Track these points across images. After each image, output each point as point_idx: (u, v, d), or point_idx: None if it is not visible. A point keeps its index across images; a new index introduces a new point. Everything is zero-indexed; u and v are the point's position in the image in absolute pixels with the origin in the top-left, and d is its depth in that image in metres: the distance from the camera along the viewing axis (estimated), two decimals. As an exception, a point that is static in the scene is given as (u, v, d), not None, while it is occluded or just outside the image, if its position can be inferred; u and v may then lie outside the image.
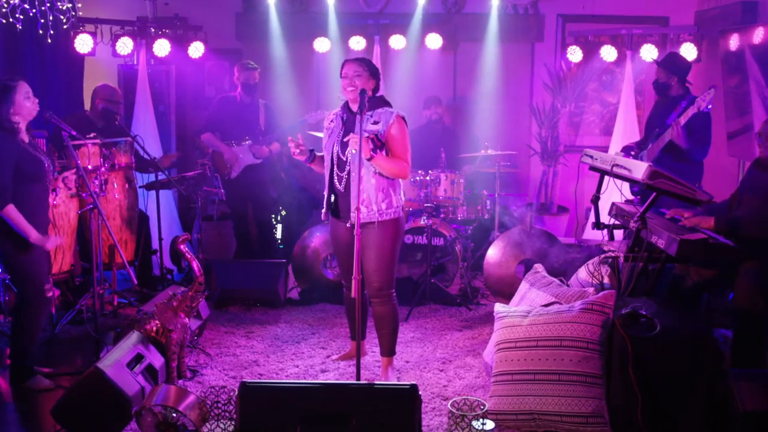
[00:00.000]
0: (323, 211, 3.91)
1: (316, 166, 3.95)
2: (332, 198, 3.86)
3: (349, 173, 3.73)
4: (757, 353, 3.49)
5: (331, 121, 3.90)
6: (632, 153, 4.93)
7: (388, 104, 3.82)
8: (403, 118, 3.77)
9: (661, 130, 4.83)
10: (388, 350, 3.91)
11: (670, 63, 5.00)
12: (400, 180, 3.83)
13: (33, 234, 3.66)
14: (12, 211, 3.61)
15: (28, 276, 3.77)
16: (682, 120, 4.56)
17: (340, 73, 3.76)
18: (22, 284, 3.82)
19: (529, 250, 5.33)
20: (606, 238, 4.34)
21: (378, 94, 3.81)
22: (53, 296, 4.01)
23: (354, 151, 3.61)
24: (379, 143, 3.66)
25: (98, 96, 5.44)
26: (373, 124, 3.71)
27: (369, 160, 3.60)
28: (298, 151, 3.80)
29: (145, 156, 5.16)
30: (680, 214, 3.84)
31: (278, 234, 6.43)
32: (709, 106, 4.43)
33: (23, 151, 3.68)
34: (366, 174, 3.69)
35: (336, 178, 3.80)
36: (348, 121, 3.79)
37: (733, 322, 3.66)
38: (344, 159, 3.75)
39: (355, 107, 3.69)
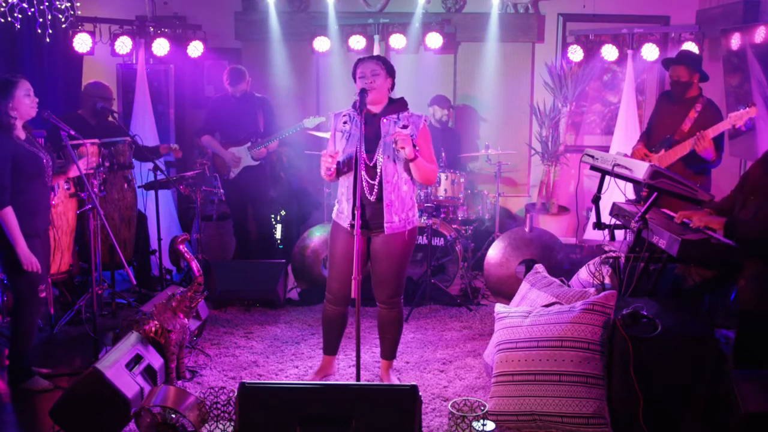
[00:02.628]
0: (349, 223, 3.57)
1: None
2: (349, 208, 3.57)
3: (381, 182, 3.51)
4: (760, 354, 3.47)
5: (345, 122, 3.62)
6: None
7: (407, 106, 3.66)
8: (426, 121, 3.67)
9: (673, 136, 4.65)
10: (392, 354, 3.88)
11: (694, 60, 4.74)
12: None
13: (21, 245, 3.63)
14: (9, 215, 3.59)
15: (24, 277, 3.75)
16: (711, 133, 4.34)
17: (354, 74, 3.58)
18: (18, 285, 3.81)
19: (530, 250, 5.31)
20: (607, 238, 4.32)
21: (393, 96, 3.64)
22: (47, 296, 3.99)
23: (391, 153, 3.45)
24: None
25: (90, 94, 5.41)
26: (402, 128, 3.52)
27: (412, 161, 3.44)
28: (330, 167, 3.48)
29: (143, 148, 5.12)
30: (687, 217, 3.79)
31: (278, 234, 6.41)
32: (747, 125, 4.23)
33: (19, 147, 3.66)
34: (399, 180, 3.55)
35: (366, 186, 3.53)
36: (371, 123, 3.57)
37: (736, 323, 3.64)
38: (372, 165, 3.52)
39: (375, 108, 3.55)
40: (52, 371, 4.01)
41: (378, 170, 3.53)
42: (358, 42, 6.54)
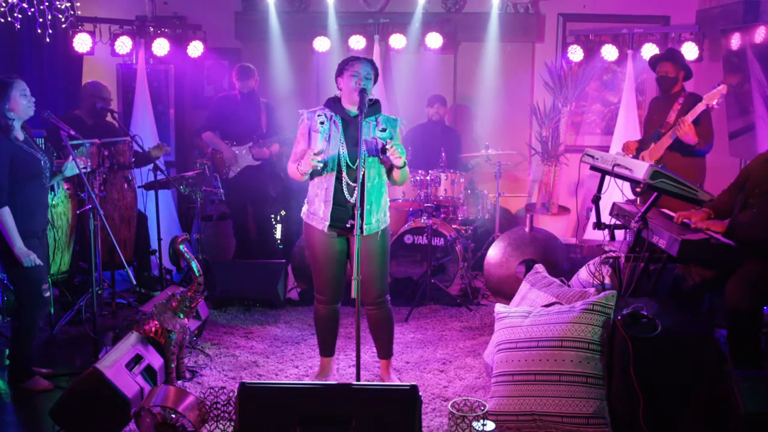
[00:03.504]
0: (326, 224, 3.57)
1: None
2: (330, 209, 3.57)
3: (363, 183, 3.48)
4: (753, 351, 3.47)
5: (322, 123, 3.60)
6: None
7: (381, 109, 3.69)
8: None
9: (661, 129, 4.80)
10: (388, 352, 3.88)
11: (679, 58, 4.98)
12: None
13: (18, 244, 3.64)
14: (6, 215, 3.59)
15: (25, 276, 3.75)
16: (690, 117, 4.56)
17: (345, 70, 3.57)
18: (20, 285, 3.81)
19: (530, 250, 5.31)
20: (607, 238, 4.32)
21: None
22: (51, 296, 4.00)
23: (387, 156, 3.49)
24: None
25: (88, 94, 5.41)
26: (381, 131, 3.57)
27: (402, 167, 3.51)
28: (318, 167, 3.49)
29: (139, 149, 5.13)
30: (687, 217, 3.79)
31: (278, 234, 6.41)
32: (719, 103, 4.45)
33: (17, 148, 3.67)
34: (379, 183, 3.60)
35: (346, 188, 3.55)
36: (350, 123, 3.59)
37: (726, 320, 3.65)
38: (354, 167, 3.51)
39: (356, 110, 3.54)
40: (52, 371, 4.01)
41: (360, 173, 3.49)
42: (358, 42, 6.54)
